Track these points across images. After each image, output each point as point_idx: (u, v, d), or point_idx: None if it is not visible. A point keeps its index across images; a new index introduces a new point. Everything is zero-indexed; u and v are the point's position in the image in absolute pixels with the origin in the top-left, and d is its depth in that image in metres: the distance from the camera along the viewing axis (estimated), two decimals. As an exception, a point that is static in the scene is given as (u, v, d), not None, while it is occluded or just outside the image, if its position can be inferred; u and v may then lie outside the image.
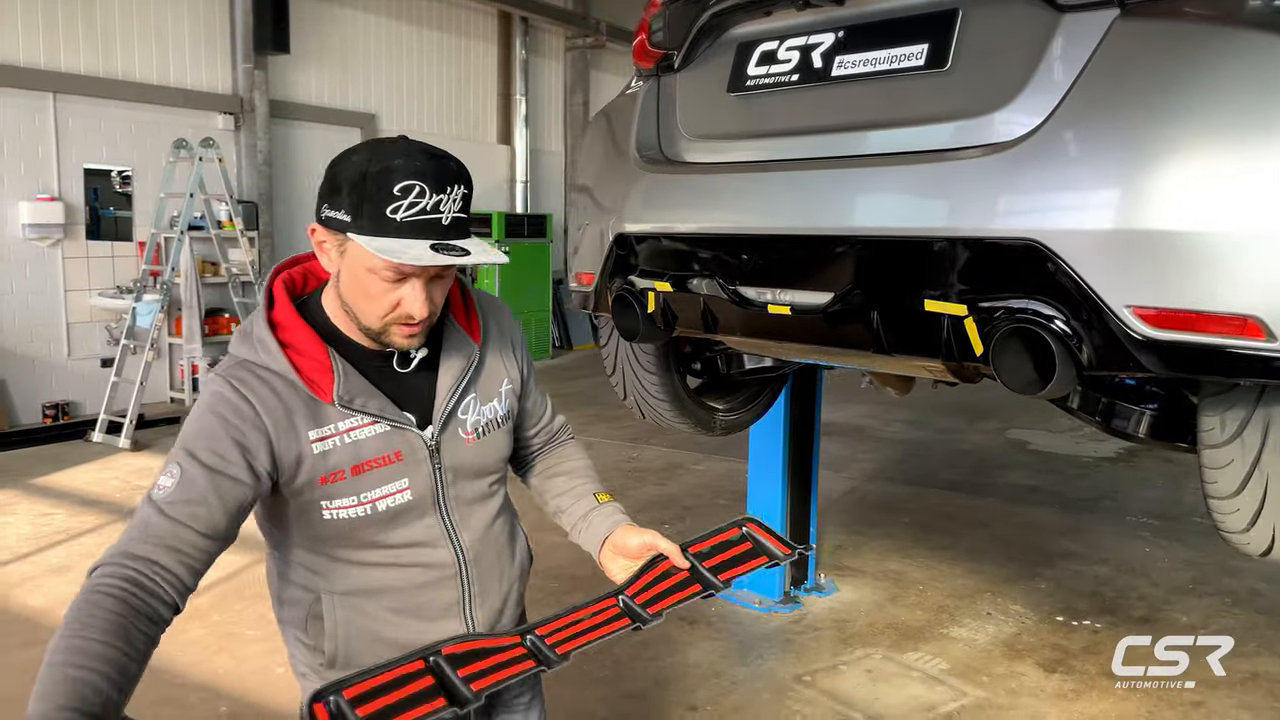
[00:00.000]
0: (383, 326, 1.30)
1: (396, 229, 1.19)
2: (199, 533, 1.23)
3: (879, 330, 1.88)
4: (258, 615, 4.18)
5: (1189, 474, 6.84)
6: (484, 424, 1.43)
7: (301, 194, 9.85)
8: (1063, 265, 1.62)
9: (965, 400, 9.29)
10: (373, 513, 1.34)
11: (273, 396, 1.28)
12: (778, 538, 1.50)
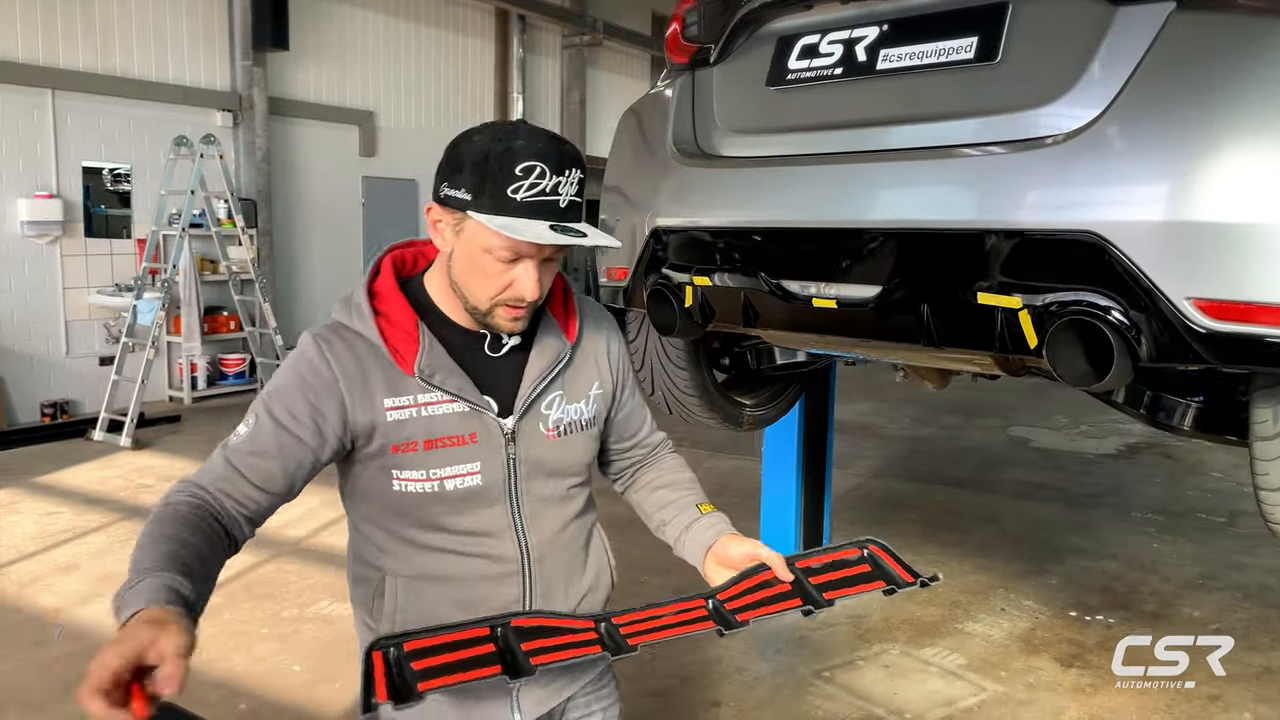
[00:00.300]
0: (490, 307, 1.30)
1: (516, 209, 1.20)
2: (253, 484, 1.28)
3: (929, 323, 1.88)
4: (269, 614, 4.17)
5: (1189, 471, 6.90)
6: (567, 423, 1.40)
7: (300, 191, 9.81)
8: (1121, 257, 1.63)
9: (965, 398, 9.33)
10: (440, 490, 1.33)
11: (353, 361, 1.31)
12: (902, 564, 1.37)
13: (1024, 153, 1.77)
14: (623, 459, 1.60)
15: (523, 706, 1.42)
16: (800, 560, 1.37)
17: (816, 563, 1.37)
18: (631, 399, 1.56)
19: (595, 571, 1.51)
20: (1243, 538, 5.42)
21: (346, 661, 3.72)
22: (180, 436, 7.45)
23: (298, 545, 5.05)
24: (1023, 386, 10.07)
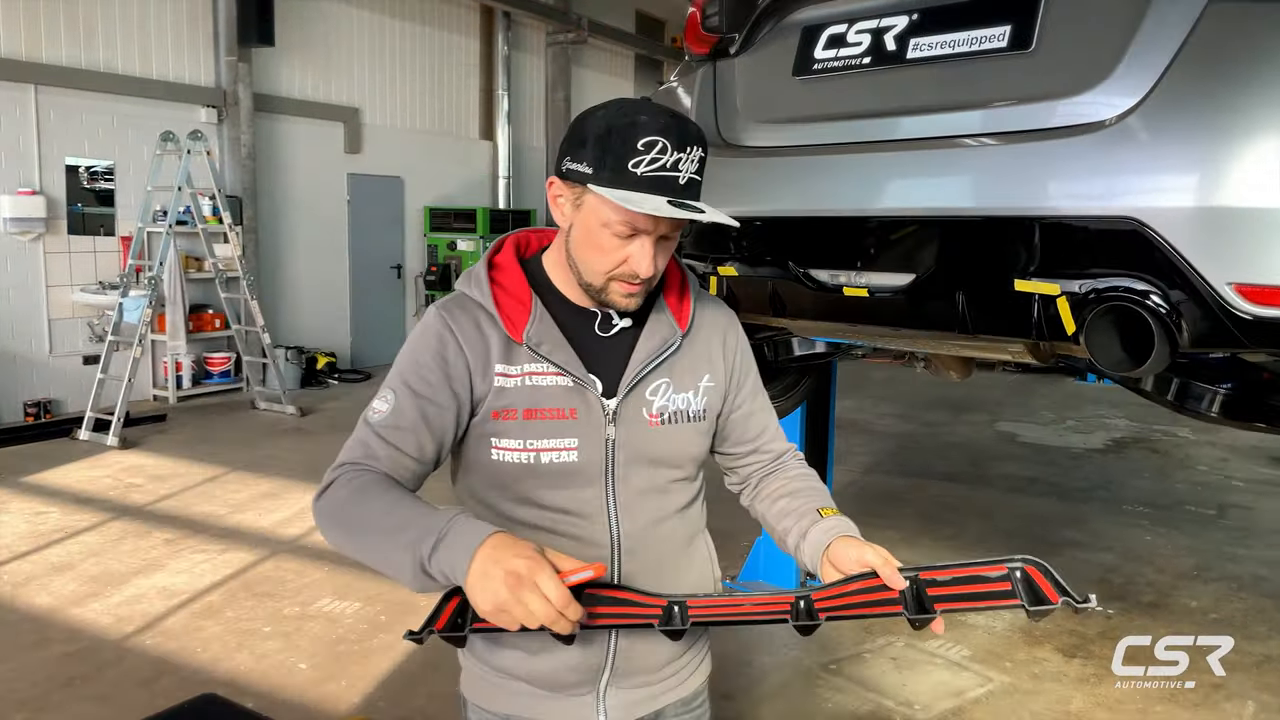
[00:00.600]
0: (605, 282, 1.30)
1: (635, 182, 1.20)
2: (411, 457, 1.32)
3: (963, 310, 1.89)
4: (270, 612, 4.13)
5: (1177, 466, 6.98)
6: (672, 411, 1.38)
7: (286, 188, 9.73)
8: (1163, 243, 1.64)
9: (950, 394, 9.39)
10: (535, 463, 1.32)
11: (474, 329, 1.34)
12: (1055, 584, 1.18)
13: (1062, 140, 1.78)
14: (743, 465, 1.54)
15: (608, 708, 1.40)
16: (928, 571, 1.24)
17: (945, 575, 1.24)
18: (752, 401, 1.51)
19: (694, 581, 1.46)
20: (1233, 530, 5.50)
21: (352, 660, 3.70)
22: (167, 436, 7.37)
23: (294, 543, 5.01)
24: (1007, 382, 10.18)
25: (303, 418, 8.07)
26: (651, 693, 1.44)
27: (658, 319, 1.40)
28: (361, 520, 1.24)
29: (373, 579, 4.51)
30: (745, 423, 1.50)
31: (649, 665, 1.42)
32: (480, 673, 1.44)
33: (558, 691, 1.39)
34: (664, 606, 1.26)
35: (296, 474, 6.30)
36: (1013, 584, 1.19)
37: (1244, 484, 6.46)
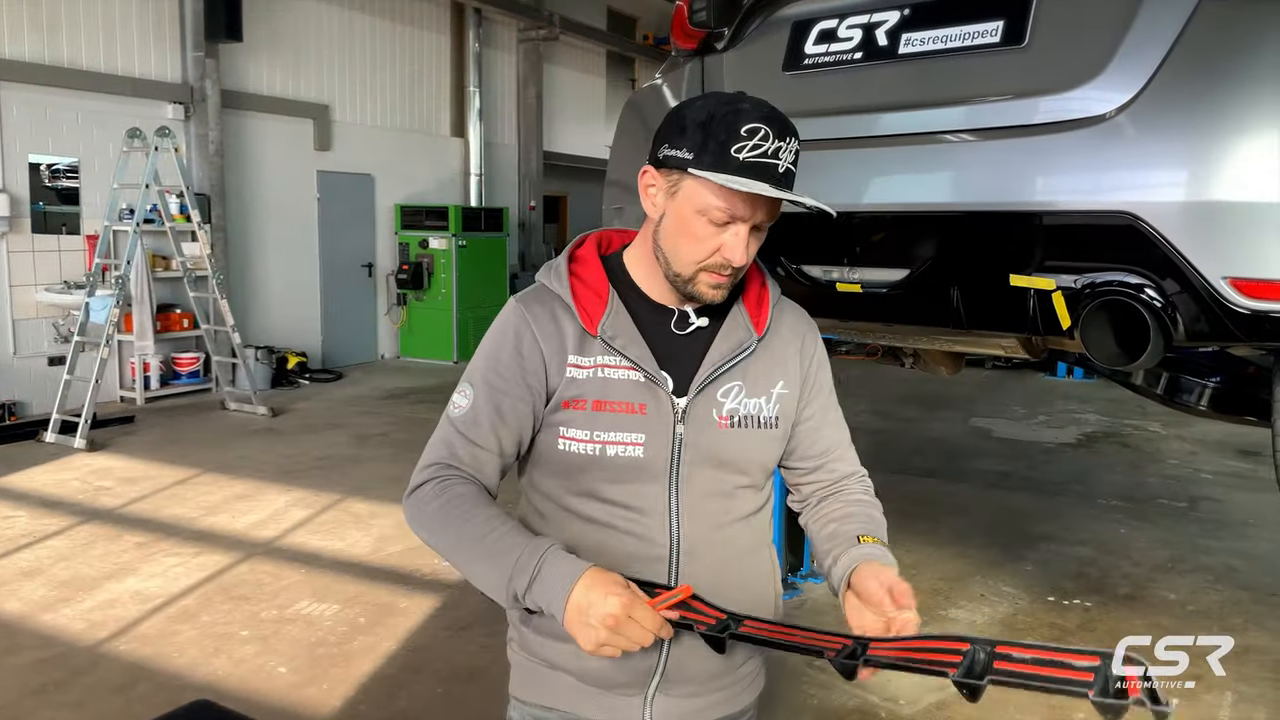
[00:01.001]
0: (695, 273, 1.29)
1: (738, 167, 1.20)
2: (490, 452, 1.34)
3: (958, 306, 1.89)
4: (248, 616, 4.07)
5: (1148, 460, 7.07)
6: (743, 415, 1.36)
7: (255, 186, 9.61)
8: (1158, 238, 1.65)
9: (922, 391, 9.47)
10: (600, 455, 1.31)
11: (550, 321, 1.34)
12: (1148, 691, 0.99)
13: (1056, 135, 1.79)
14: (807, 482, 1.49)
15: (655, 713, 1.38)
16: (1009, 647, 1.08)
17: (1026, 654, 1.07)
18: (823, 415, 1.46)
19: (755, 594, 1.42)
20: (1205, 522, 5.57)
21: (333, 663, 3.65)
22: (135, 437, 7.25)
23: (270, 546, 4.94)
24: (979, 378, 10.27)
25: (274, 418, 7.98)
26: (699, 705, 1.41)
27: (734, 321, 1.38)
28: (454, 538, 1.29)
29: (353, 581, 4.46)
30: (813, 436, 1.46)
31: (700, 674, 1.39)
32: (526, 665, 1.43)
33: (605, 689, 1.37)
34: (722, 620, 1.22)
35: (269, 475, 6.22)
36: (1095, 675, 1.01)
37: (1213, 477, 6.56)
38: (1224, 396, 2.11)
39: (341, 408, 8.58)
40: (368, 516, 5.37)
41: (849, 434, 1.52)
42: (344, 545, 4.95)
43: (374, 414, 8.28)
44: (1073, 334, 1.77)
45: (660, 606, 1.17)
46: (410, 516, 1.33)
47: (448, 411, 1.37)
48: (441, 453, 1.34)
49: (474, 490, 1.31)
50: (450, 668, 3.61)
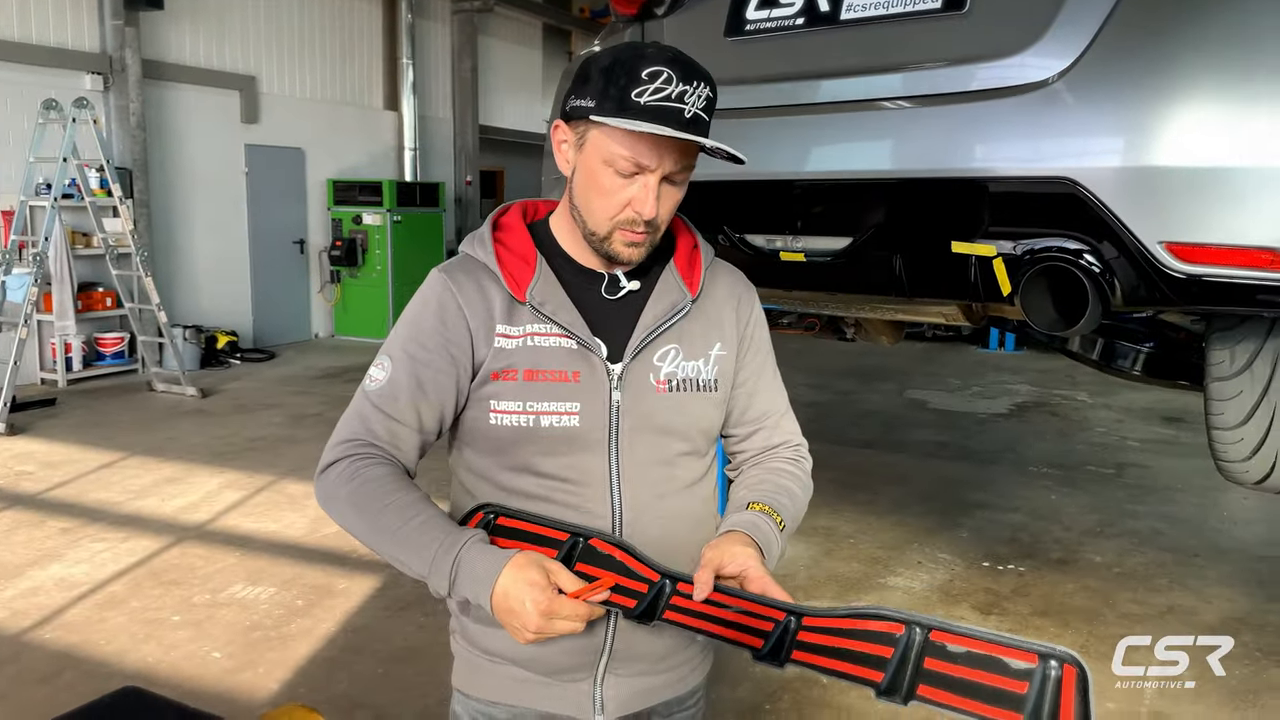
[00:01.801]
0: (609, 230, 1.25)
1: (639, 111, 1.16)
2: (409, 427, 1.30)
3: (900, 274, 1.89)
4: (179, 601, 3.96)
5: (1077, 428, 7.26)
6: (681, 379, 1.32)
7: (179, 160, 9.30)
8: (1096, 203, 1.66)
9: (860, 364, 9.59)
10: (534, 427, 1.27)
11: (477, 291, 1.30)
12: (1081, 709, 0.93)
13: (997, 101, 1.79)
14: (740, 450, 1.45)
15: (605, 700, 1.34)
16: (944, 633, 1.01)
17: (959, 645, 1.00)
18: (758, 379, 1.42)
19: None
20: (1132, 487, 5.74)
21: (269, 647, 3.57)
22: (57, 420, 6.99)
23: (201, 529, 4.81)
24: (914, 351, 10.43)
25: (204, 399, 7.77)
26: (650, 685, 1.38)
27: (667, 283, 1.35)
28: (369, 526, 1.24)
29: (289, 563, 4.37)
30: (749, 400, 1.42)
31: (650, 653, 1.35)
32: (468, 657, 1.39)
33: (552, 677, 1.33)
34: (654, 583, 1.20)
35: (200, 457, 6.06)
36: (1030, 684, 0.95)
37: (1139, 444, 6.76)
38: (1157, 361, 2.16)
39: (274, 388, 8.40)
40: (303, 498, 5.26)
41: (787, 400, 1.48)
42: (279, 527, 4.84)
43: (308, 394, 8.12)
44: (1013, 300, 1.79)
45: (585, 597, 1.14)
46: (321, 497, 1.28)
47: (363, 385, 1.32)
48: (356, 428, 1.29)
49: (389, 472, 1.26)
50: (390, 648, 3.56)
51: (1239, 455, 1.86)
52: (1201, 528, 5.08)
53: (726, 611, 1.15)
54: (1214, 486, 5.65)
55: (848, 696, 3.25)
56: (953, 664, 0.99)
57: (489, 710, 1.37)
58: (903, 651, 1.02)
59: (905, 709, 1.04)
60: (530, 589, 1.13)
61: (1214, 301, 1.62)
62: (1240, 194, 1.58)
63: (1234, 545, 4.82)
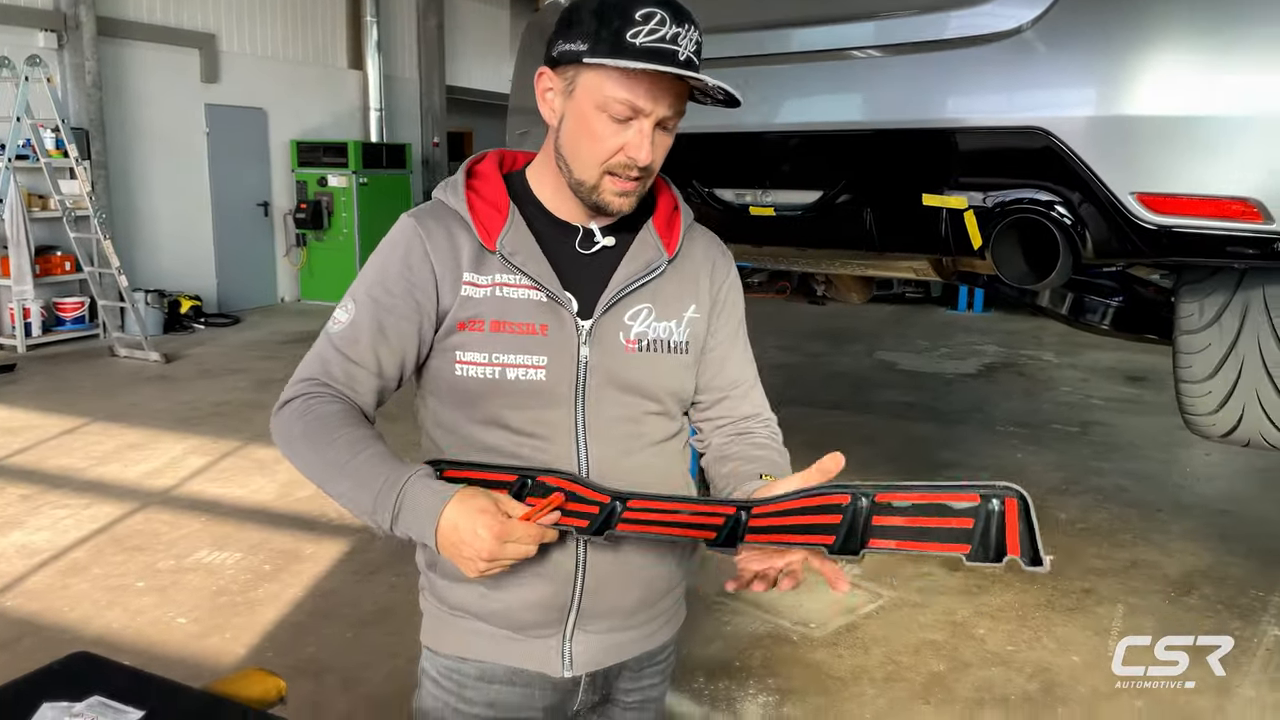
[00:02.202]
0: (599, 177, 1.22)
1: (634, 53, 1.13)
2: (368, 371, 1.28)
3: (871, 228, 1.86)
4: (143, 567, 3.91)
5: (1043, 387, 7.33)
6: (651, 339, 1.30)
7: (137, 120, 9.08)
8: (1068, 153, 1.64)
9: (829, 325, 9.62)
10: (500, 378, 1.24)
11: (445, 237, 1.27)
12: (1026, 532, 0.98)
13: (967, 50, 1.76)
14: (708, 419, 1.42)
15: (573, 655, 1.33)
16: (888, 494, 1.07)
17: (904, 500, 1.06)
18: (729, 345, 1.39)
19: None
20: (1096, 445, 5.81)
21: (235, 612, 3.54)
22: (17, 387, 6.86)
23: (166, 495, 4.75)
24: (883, 314, 10.47)
25: (167, 364, 7.65)
26: (620, 640, 1.36)
27: (644, 241, 1.31)
28: (317, 462, 1.22)
29: (255, 528, 4.32)
30: (719, 365, 1.39)
31: (619, 608, 1.34)
32: (436, 613, 1.37)
33: (520, 633, 1.31)
34: (606, 504, 1.19)
35: (164, 423, 5.97)
36: (976, 521, 1.01)
37: (1104, 402, 6.83)
38: (1126, 316, 2.16)
39: (240, 353, 8.28)
40: (271, 463, 5.20)
41: (756, 373, 1.45)
42: (246, 492, 4.78)
43: (275, 358, 8.01)
44: (983, 254, 1.77)
45: (535, 518, 1.14)
46: (275, 433, 1.27)
47: (327, 327, 1.30)
48: (315, 368, 1.28)
49: (342, 409, 1.24)
50: (359, 612, 3.54)
51: (1206, 408, 1.87)
52: (1164, 484, 5.16)
53: (679, 515, 1.18)
54: (1177, 443, 5.74)
55: (818, 653, 3.28)
56: (900, 516, 1.04)
57: (457, 666, 1.35)
58: (851, 517, 1.05)
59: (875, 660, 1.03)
60: (480, 515, 1.12)
61: (1184, 253, 1.61)
62: (1212, 144, 1.57)
63: (1196, 501, 4.90)
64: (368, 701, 2.97)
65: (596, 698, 1.40)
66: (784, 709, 2.94)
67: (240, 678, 1.41)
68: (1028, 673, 3.17)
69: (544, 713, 1.35)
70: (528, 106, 2.52)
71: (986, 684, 3.10)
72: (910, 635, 3.42)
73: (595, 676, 1.36)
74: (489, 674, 1.33)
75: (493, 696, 1.33)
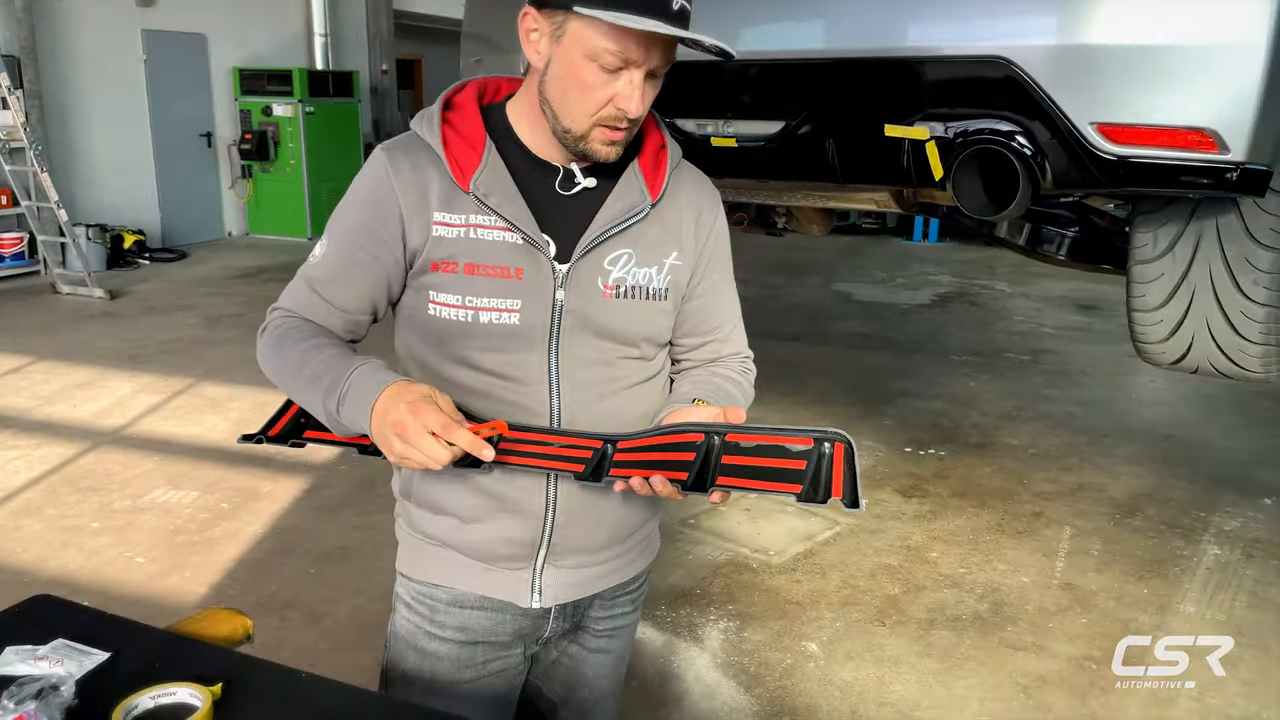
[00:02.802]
0: (589, 127, 1.18)
1: (625, 5, 1.07)
2: (338, 308, 1.28)
3: (833, 159, 1.85)
4: (98, 507, 3.86)
5: (996, 317, 7.44)
6: (630, 286, 1.27)
7: (70, 47, 8.70)
8: (1029, 83, 1.64)
9: (787, 258, 9.63)
10: (473, 322, 1.23)
11: (412, 171, 1.23)
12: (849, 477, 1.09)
13: (932, -23, 1.74)
14: (687, 359, 1.41)
15: (543, 588, 1.34)
16: (737, 434, 1.16)
17: (750, 441, 1.15)
18: (714, 293, 1.37)
19: None
20: (1047, 373, 5.93)
21: (194, 550, 3.52)
22: (-44, 326, 6.68)
23: (117, 434, 4.67)
24: (840, 245, 10.50)
25: (113, 301, 7.46)
26: (589, 575, 1.37)
27: (628, 183, 1.27)
28: (284, 369, 1.24)
29: (211, 466, 4.28)
30: (702, 314, 1.37)
31: (588, 545, 1.34)
32: (411, 542, 1.38)
33: (490, 564, 1.32)
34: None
35: (112, 360, 5.85)
36: (808, 464, 1.10)
37: (1054, 331, 6.96)
38: (1082, 246, 2.18)
39: (188, 288, 8.10)
40: (225, 400, 5.14)
41: (739, 312, 1.44)
42: (200, 430, 4.73)
43: (223, 294, 7.86)
44: (944, 185, 1.77)
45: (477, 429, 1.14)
46: (259, 355, 1.30)
47: (306, 260, 1.31)
48: (290, 301, 1.31)
49: (310, 327, 1.27)
50: (321, 548, 3.54)
51: (1158, 336, 1.91)
52: (1111, 410, 5.30)
53: (550, 448, 1.23)
54: (1124, 371, 5.88)
55: (776, 579, 3.35)
56: (745, 456, 1.14)
57: (430, 592, 1.36)
58: (704, 454, 1.14)
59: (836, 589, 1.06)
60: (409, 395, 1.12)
61: (1142, 183, 1.63)
62: (1170, 74, 1.57)
63: (1141, 426, 5.04)
64: (332, 635, 2.98)
65: (567, 625, 1.42)
66: (744, 634, 3.01)
67: (206, 617, 1.41)
68: (979, 594, 3.27)
69: (515, 637, 1.37)
70: (480, 33, 2.46)
71: (939, 605, 3.19)
72: (866, 560, 3.51)
73: (566, 607, 1.38)
74: (461, 599, 1.35)
75: (464, 621, 1.35)
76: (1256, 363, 1.92)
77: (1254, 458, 4.56)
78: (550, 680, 1.49)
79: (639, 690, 2.70)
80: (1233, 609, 3.17)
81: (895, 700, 2.69)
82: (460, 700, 1.36)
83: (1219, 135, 1.54)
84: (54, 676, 1.12)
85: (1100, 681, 2.77)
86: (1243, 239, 1.78)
